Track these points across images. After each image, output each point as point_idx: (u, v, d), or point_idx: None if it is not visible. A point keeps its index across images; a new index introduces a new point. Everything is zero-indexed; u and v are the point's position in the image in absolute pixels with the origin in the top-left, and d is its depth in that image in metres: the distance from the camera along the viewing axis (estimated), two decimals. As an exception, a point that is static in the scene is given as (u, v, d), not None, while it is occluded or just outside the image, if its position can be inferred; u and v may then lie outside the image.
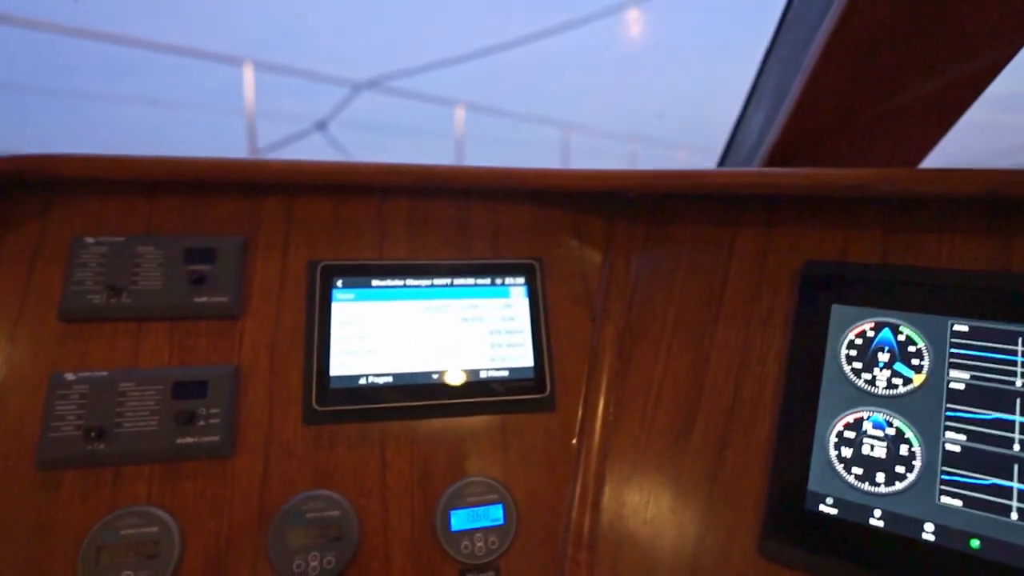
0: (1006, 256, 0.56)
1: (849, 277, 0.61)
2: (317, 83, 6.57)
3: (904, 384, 0.55)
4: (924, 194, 0.58)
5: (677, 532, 0.60)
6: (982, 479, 0.50)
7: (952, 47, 0.64)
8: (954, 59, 0.66)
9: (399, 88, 6.80)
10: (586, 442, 0.68)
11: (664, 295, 0.72)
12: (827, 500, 0.55)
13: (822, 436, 0.57)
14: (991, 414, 0.51)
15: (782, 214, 0.68)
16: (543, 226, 0.76)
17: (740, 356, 0.64)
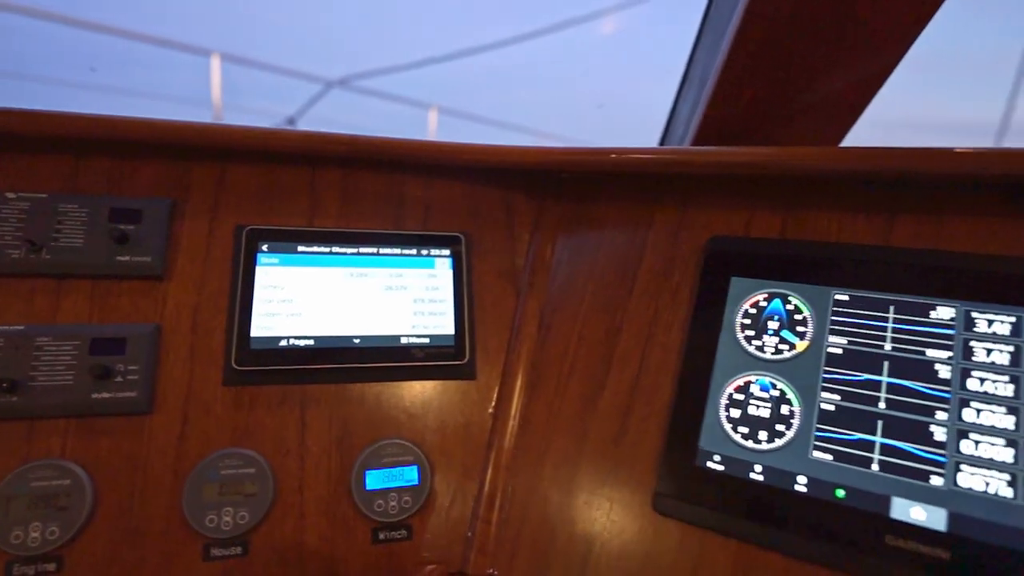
0: (888, 232, 0.61)
1: (747, 252, 0.65)
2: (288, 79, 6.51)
3: (790, 350, 0.60)
4: (816, 172, 0.63)
5: (582, 492, 0.63)
6: (850, 435, 0.54)
7: (849, 43, 0.70)
8: (852, 53, 0.71)
9: (371, 88, 6.79)
10: (503, 408, 0.71)
11: (586, 270, 0.75)
12: (715, 457, 0.58)
13: (715, 399, 0.60)
14: (862, 375, 0.56)
15: (695, 193, 0.72)
16: (474, 202, 0.79)
17: (649, 327, 0.68)
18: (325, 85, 6.46)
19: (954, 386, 0.53)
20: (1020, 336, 0.52)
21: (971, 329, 0.54)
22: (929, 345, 0.55)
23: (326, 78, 6.51)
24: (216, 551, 0.59)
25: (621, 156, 0.71)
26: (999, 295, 0.54)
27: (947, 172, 0.56)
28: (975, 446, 0.50)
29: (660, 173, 0.73)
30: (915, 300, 0.56)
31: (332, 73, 6.57)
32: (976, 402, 0.51)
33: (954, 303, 0.55)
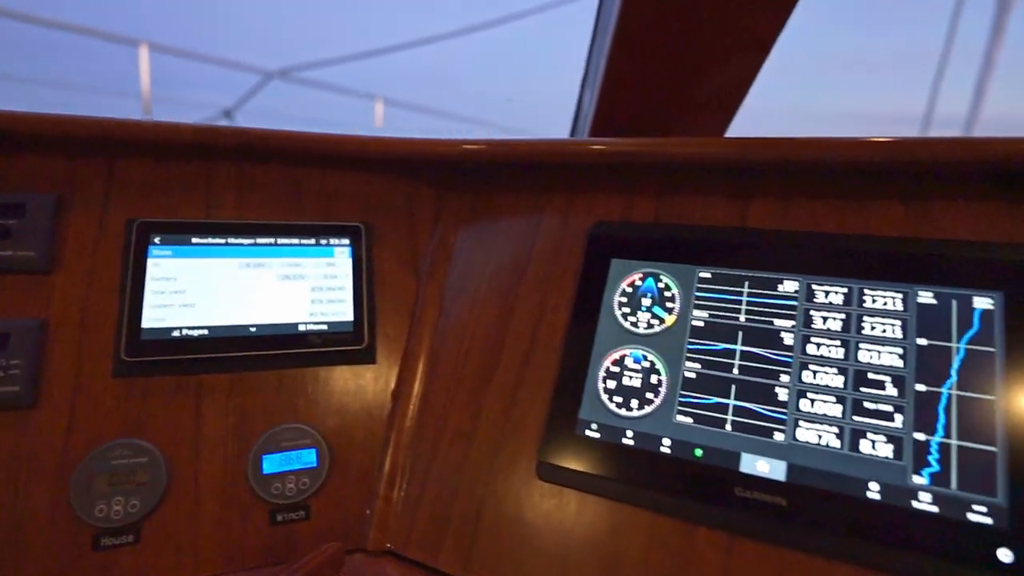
0: (744, 214, 0.66)
1: (626, 235, 0.70)
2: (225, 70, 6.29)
3: (660, 324, 0.64)
4: (681, 161, 0.67)
5: (475, 465, 0.66)
6: (708, 399, 0.59)
7: (719, 43, 0.75)
8: (722, 53, 0.76)
9: (313, 79, 6.64)
10: (404, 390, 0.73)
11: (484, 257, 0.78)
12: (592, 425, 0.63)
13: (594, 372, 0.65)
14: (720, 345, 0.61)
15: (584, 182, 0.76)
16: (377, 193, 0.80)
17: (539, 308, 0.71)
18: (264, 76, 6.27)
19: (796, 351, 0.58)
20: (851, 305, 0.58)
21: (811, 300, 0.59)
22: (776, 315, 0.60)
23: (265, 69, 6.32)
24: (106, 540, 0.60)
25: (513, 147, 0.74)
26: (834, 269, 0.60)
27: (793, 159, 0.62)
28: (811, 404, 0.56)
29: (552, 163, 0.76)
30: (766, 275, 0.62)
31: (272, 64, 6.38)
32: (813, 365, 0.57)
33: (797, 277, 0.61)
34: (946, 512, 0.49)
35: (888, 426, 0.53)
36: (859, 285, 0.58)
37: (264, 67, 6.26)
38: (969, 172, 0.57)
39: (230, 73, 6.36)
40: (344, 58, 6.47)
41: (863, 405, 0.54)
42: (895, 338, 0.56)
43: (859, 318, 0.57)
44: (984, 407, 0.51)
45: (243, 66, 6.23)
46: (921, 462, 0.51)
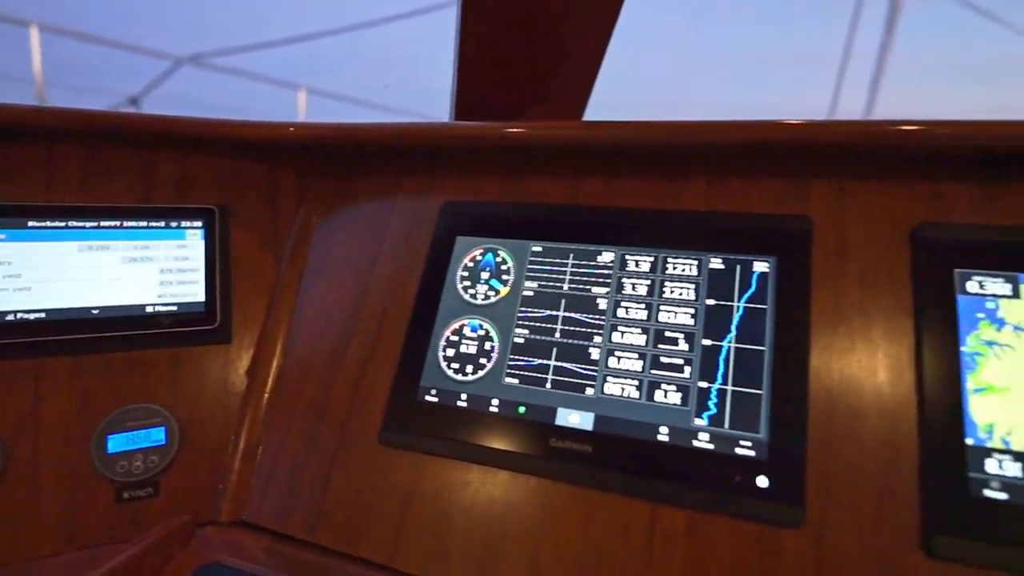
0: (576, 193, 0.72)
1: (470, 213, 0.74)
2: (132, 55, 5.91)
3: (495, 295, 0.69)
4: (522, 143, 0.72)
5: (325, 435, 0.69)
6: (533, 361, 0.65)
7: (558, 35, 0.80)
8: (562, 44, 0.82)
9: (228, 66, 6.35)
10: (261, 368, 0.75)
11: (343, 238, 0.81)
12: (432, 391, 0.67)
13: (436, 342, 0.69)
14: (546, 312, 0.67)
15: (437, 164, 0.80)
16: (237, 176, 0.81)
17: (391, 286, 0.75)
18: (174, 62, 5.94)
19: (608, 315, 0.65)
20: (656, 272, 0.65)
21: (624, 268, 0.66)
22: (595, 284, 0.66)
23: (176, 54, 5.99)
24: (-68, 527, 0.59)
25: (367, 132, 0.77)
26: (644, 240, 0.66)
27: (616, 141, 0.68)
28: (617, 361, 0.62)
29: (406, 147, 0.80)
30: (588, 248, 0.68)
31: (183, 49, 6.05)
32: (622, 326, 0.64)
33: (614, 248, 0.67)
34: (719, 449, 0.56)
35: (678, 377, 0.60)
36: (663, 254, 0.65)
37: (174, 52, 5.94)
38: (758, 153, 0.65)
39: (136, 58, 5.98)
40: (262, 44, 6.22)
41: (660, 360, 0.61)
42: (689, 300, 0.63)
43: (661, 283, 0.64)
44: (755, 356, 0.59)
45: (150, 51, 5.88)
46: (702, 407, 0.58)
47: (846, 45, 9.32)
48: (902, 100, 6.93)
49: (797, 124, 0.60)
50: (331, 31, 6.63)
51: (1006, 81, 7.04)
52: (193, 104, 6.29)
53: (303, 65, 7.89)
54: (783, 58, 7.59)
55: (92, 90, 6.71)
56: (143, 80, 5.97)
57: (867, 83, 7.23)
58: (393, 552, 0.61)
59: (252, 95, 7.24)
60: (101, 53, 6.42)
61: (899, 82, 6.53)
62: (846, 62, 9.93)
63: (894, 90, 6.50)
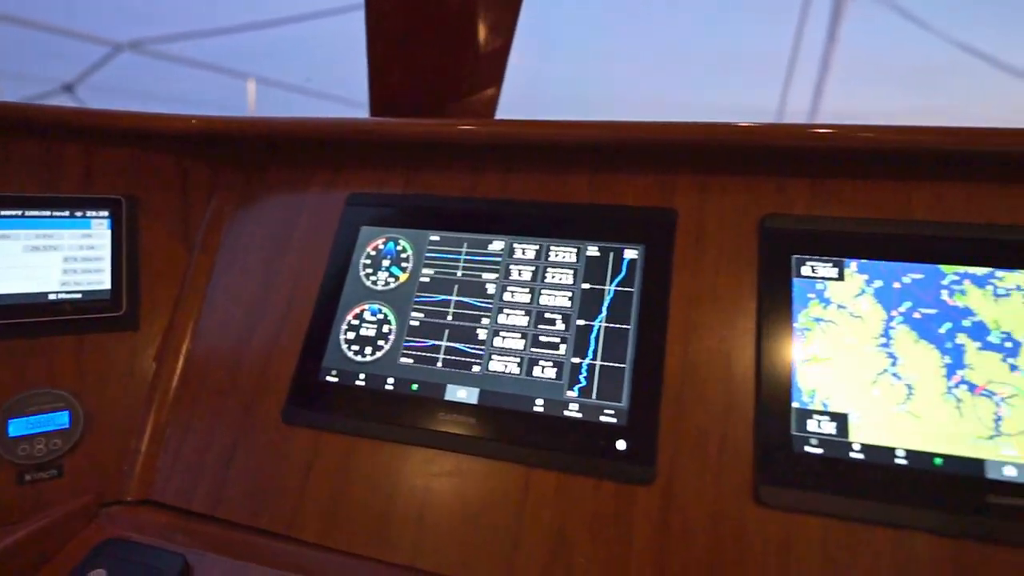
0: (475, 186, 0.77)
1: (375, 205, 0.78)
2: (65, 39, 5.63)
3: (395, 281, 0.74)
4: (423, 139, 0.77)
5: (230, 415, 0.72)
6: (426, 342, 0.70)
7: (461, 36, 0.84)
8: (466, 45, 0.86)
9: (172, 53, 6.12)
10: (169, 355, 0.78)
11: (254, 228, 0.83)
12: (332, 372, 0.71)
13: (338, 326, 0.73)
14: (440, 297, 0.71)
15: (345, 158, 0.83)
16: (146, 167, 0.82)
17: (297, 273, 0.78)
18: (113, 48, 5.70)
19: (496, 299, 0.70)
20: (540, 259, 0.70)
21: (512, 256, 0.71)
22: (485, 270, 0.71)
23: (115, 40, 5.75)
24: None
25: (275, 126, 0.80)
26: (530, 230, 0.72)
27: (508, 138, 0.73)
28: (502, 340, 0.68)
29: (314, 141, 0.83)
30: (480, 237, 0.73)
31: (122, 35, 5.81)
32: (507, 309, 0.69)
33: (504, 238, 0.72)
34: (587, 417, 0.63)
35: (554, 354, 0.66)
36: (547, 243, 0.71)
37: (113, 38, 5.70)
38: (633, 151, 0.71)
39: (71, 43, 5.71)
40: (209, 32, 6.04)
41: (539, 339, 0.67)
42: (567, 284, 0.69)
43: (544, 269, 0.70)
44: (621, 334, 0.65)
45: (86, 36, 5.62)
46: (574, 380, 0.64)
47: (793, 49, 9.70)
48: (845, 102, 7.27)
49: (663, 125, 0.66)
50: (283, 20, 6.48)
51: (937, 85, 7.45)
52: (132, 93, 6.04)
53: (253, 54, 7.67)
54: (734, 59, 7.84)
55: (22, 76, 6.36)
56: (78, 66, 5.70)
57: (812, 85, 7.56)
58: (292, 522, 0.65)
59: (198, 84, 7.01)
60: (32, 37, 6.10)
61: (842, 85, 6.85)
62: (793, 65, 10.34)
63: (837, 92, 6.81)
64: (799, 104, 7.35)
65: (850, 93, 7.70)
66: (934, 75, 6.95)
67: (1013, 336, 0.57)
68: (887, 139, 0.60)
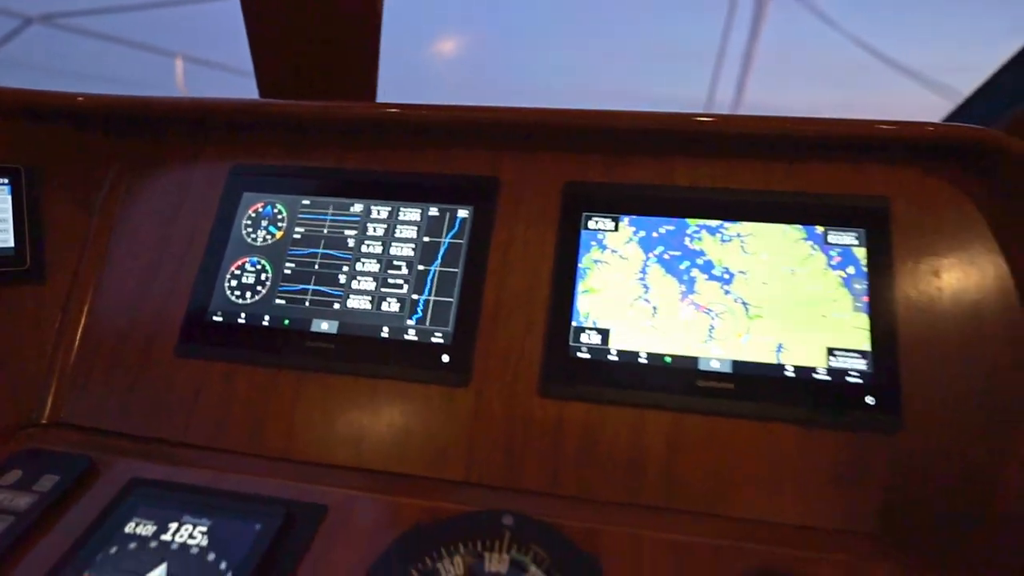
0: (342, 158, 0.92)
1: (255, 174, 0.92)
2: (-32, 10, 5.29)
3: (272, 238, 0.88)
4: (299, 117, 0.91)
5: (130, 352, 0.86)
6: (297, 287, 0.85)
7: (328, 26, 0.98)
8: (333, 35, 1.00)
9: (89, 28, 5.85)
10: (74, 303, 0.90)
11: (149, 195, 0.96)
12: (217, 313, 0.85)
13: (223, 275, 0.87)
14: (309, 250, 0.87)
15: (228, 133, 0.96)
16: (48, 139, 0.92)
17: (189, 231, 0.91)
18: (22, 21, 5.41)
19: (354, 251, 0.86)
20: (391, 219, 0.86)
21: (369, 216, 0.87)
22: (346, 228, 0.87)
23: (24, 12, 5.45)
24: None
25: (161, 105, 0.92)
26: (383, 195, 0.88)
27: (365, 118, 0.88)
28: (358, 283, 0.84)
29: (200, 119, 0.95)
30: (344, 201, 0.88)
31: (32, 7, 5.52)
32: (363, 259, 0.85)
33: (362, 201, 0.88)
34: (421, 339, 0.80)
35: (399, 292, 0.83)
36: (397, 205, 0.87)
37: (22, 10, 5.40)
38: (466, 130, 0.88)
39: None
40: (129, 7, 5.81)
41: (387, 281, 0.83)
42: (412, 238, 0.85)
43: (394, 227, 0.86)
44: (451, 276, 0.82)
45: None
46: (412, 311, 0.81)
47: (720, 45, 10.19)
48: (766, 96, 7.73)
49: (490, 109, 0.83)
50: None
51: (847, 82, 7.99)
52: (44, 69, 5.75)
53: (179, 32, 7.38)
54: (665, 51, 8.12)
55: (-80, 48, 5.93)
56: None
57: (735, 80, 8.04)
58: (185, 433, 0.80)
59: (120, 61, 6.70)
60: (-70, 6, 5.68)
61: (763, 80, 7.27)
62: (720, 60, 10.87)
63: (759, 87, 7.23)
64: (724, 96, 7.77)
65: (771, 87, 8.19)
66: (848, 72, 7.47)
67: (730, 269, 0.77)
68: (646, 124, 0.79)
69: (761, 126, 0.77)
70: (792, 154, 0.81)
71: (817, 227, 0.77)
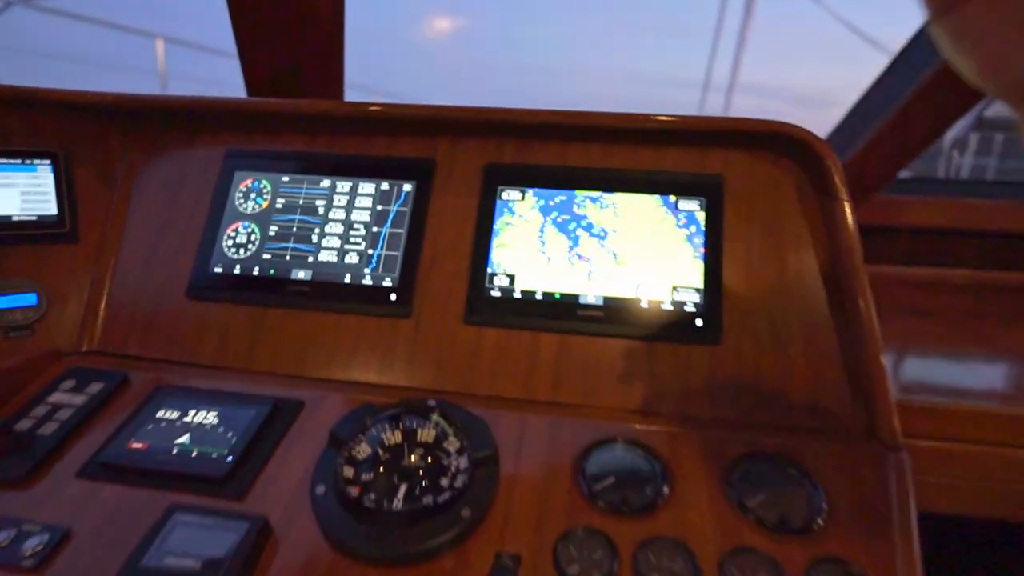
0: (312, 143, 1.16)
1: (244, 156, 1.16)
2: (-53, -9, 5.32)
3: (259, 208, 1.12)
4: (278, 112, 1.15)
5: (149, 297, 1.10)
6: (279, 245, 1.10)
7: (300, 35, 1.22)
8: (290, 29, 1.24)
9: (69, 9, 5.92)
10: (104, 258, 1.13)
11: (159, 174, 1.19)
12: (218, 265, 1.10)
13: (221, 236, 1.11)
14: (289, 216, 1.11)
15: (222, 122, 1.20)
16: (76, 129, 1.15)
17: (192, 202, 1.15)
18: (2, 3, 5.47)
19: (324, 217, 1.10)
20: (352, 192, 1.11)
21: (334, 190, 1.12)
22: (317, 198, 1.12)
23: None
24: None
25: (167, 101, 1.15)
26: (346, 172, 1.12)
27: (327, 113, 1.12)
28: (327, 241, 1.09)
29: (197, 113, 1.19)
30: (315, 178, 1.13)
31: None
32: (331, 222, 1.10)
33: (330, 178, 1.12)
34: (375, 284, 1.05)
35: (358, 248, 1.08)
36: (357, 181, 1.12)
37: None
38: (404, 123, 1.12)
39: (-45, -5, 5.40)
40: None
41: (349, 239, 1.08)
42: (368, 207, 1.10)
43: (354, 198, 1.11)
44: (398, 236, 1.07)
45: (-28, -11, 5.34)
46: (368, 263, 1.06)
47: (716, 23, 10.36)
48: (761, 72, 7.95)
49: (430, 107, 1.08)
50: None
51: (834, 58, 8.19)
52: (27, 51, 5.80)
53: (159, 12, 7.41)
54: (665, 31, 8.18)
55: (-99, 29, 5.94)
56: (-35, 21, 5.43)
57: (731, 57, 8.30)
58: (194, 355, 1.05)
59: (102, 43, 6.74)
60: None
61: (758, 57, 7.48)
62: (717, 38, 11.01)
63: (754, 63, 7.45)
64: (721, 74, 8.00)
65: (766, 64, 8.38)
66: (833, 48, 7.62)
67: (605, 229, 1.03)
68: (547, 119, 1.04)
69: (631, 121, 1.02)
70: (655, 141, 1.06)
71: (671, 196, 1.03)
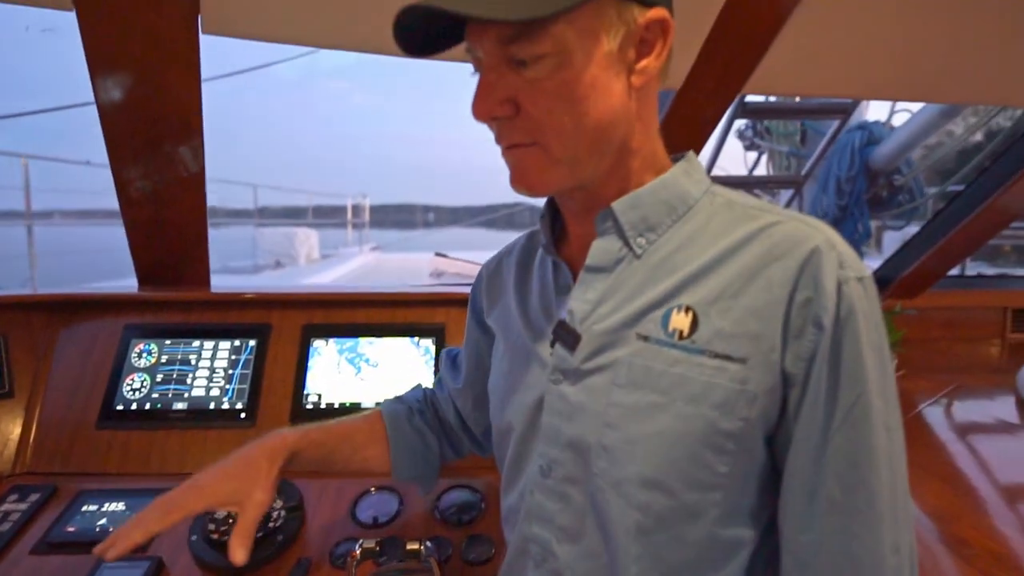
0: (187, 317, 1.78)
1: (139, 328, 1.75)
2: None
3: (149, 363, 1.71)
4: (160, 300, 1.76)
5: (71, 432, 1.63)
6: (164, 387, 1.68)
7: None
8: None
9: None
10: (31, 407, 1.65)
11: (76, 342, 1.74)
12: (120, 404, 1.66)
13: (121, 385, 1.68)
14: (170, 367, 1.71)
15: (126, 307, 1.78)
16: (16, 317, 1.68)
17: (100, 361, 1.71)
18: None
19: (195, 365, 1.71)
20: (215, 348, 1.73)
21: (202, 347, 1.73)
22: (190, 354, 1.73)
23: None
24: None
25: (79, 296, 1.73)
26: (211, 336, 1.75)
27: (195, 300, 1.75)
28: (198, 381, 1.69)
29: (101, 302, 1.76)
30: (188, 340, 1.74)
31: None
32: (200, 369, 1.71)
33: (199, 339, 1.74)
34: (230, 407, 1.67)
35: (219, 385, 1.69)
36: (217, 340, 1.74)
37: None
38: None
39: None
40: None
41: (212, 379, 1.70)
42: (226, 357, 1.73)
43: (216, 352, 1.73)
44: (246, 375, 1.71)
45: None
46: (226, 394, 1.68)
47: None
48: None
49: (268, 295, 1.74)
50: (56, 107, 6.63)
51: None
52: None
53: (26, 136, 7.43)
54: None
55: None
56: None
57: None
58: (103, 467, 1.58)
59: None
60: None
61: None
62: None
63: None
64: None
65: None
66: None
67: (376, 361, 1.74)
68: (339, 298, 1.75)
69: (389, 296, 1.76)
70: (404, 304, 1.80)
71: (415, 337, 1.77)
